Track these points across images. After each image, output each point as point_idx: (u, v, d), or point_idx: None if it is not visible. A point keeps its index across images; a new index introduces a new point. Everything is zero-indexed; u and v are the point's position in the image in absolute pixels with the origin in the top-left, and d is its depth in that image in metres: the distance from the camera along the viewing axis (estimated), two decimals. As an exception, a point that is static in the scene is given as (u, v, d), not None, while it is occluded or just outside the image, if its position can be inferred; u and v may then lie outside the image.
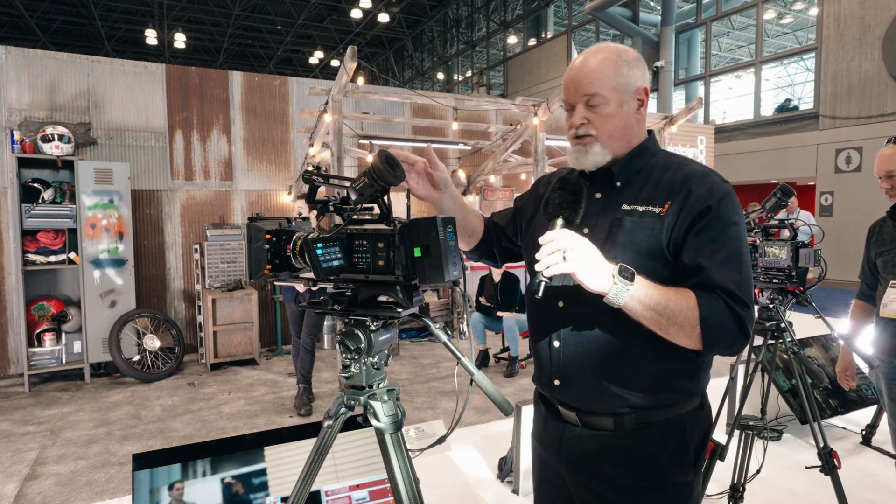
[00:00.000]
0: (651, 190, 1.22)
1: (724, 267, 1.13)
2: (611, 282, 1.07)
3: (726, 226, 1.15)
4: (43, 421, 4.41)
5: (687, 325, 1.10)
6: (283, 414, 4.48)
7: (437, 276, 1.13)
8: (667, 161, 1.27)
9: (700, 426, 1.27)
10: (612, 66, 1.23)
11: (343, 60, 4.55)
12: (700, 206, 1.16)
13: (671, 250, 1.18)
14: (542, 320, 1.32)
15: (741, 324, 1.12)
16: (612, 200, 1.25)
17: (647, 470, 1.22)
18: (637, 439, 1.22)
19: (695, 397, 1.26)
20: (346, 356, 1.28)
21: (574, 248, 1.07)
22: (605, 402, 1.23)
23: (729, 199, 1.17)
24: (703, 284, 1.13)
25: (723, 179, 1.21)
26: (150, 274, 6.22)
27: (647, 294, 1.09)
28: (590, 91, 1.22)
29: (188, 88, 6.43)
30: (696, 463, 1.26)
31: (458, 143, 7.24)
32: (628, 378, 1.21)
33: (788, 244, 2.49)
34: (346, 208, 1.22)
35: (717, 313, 1.10)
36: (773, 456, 3.24)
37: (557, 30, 19.04)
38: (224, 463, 1.89)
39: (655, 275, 1.14)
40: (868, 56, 10.58)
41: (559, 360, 1.27)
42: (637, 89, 1.25)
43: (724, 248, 1.14)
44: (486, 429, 3.96)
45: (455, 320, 7.38)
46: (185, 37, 20.32)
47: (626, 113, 1.25)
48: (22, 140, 5.37)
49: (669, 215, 1.17)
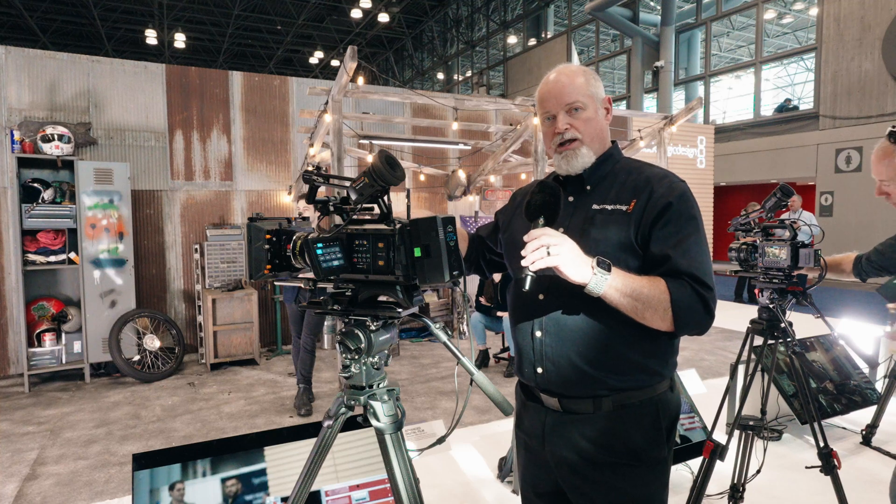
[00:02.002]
0: (617, 191, 1.36)
1: (688, 255, 1.25)
2: (590, 273, 1.18)
3: (687, 219, 1.29)
4: (43, 421, 4.41)
5: (660, 309, 1.22)
6: (283, 414, 4.48)
7: (437, 276, 1.13)
8: (629, 166, 1.42)
9: (670, 406, 1.39)
10: (584, 78, 1.40)
11: (343, 60, 4.55)
12: (662, 202, 1.29)
13: (639, 242, 1.30)
14: (524, 312, 1.42)
15: (706, 304, 1.24)
16: (583, 202, 1.39)
17: (624, 448, 1.33)
18: (614, 420, 1.33)
19: (665, 379, 1.38)
20: (346, 356, 1.28)
21: (557, 243, 1.17)
22: (586, 385, 1.33)
23: (686, 196, 1.32)
24: (671, 272, 1.25)
25: (679, 179, 1.36)
26: (150, 274, 6.22)
27: (623, 282, 1.21)
28: (571, 99, 1.37)
29: (188, 88, 6.43)
30: (668, 440, 1.38)
31: (458, 143, 7.24)
32: (606, 362, 1.32)
33: (788, 244, 2.49)
34: (346, 208, 1.22)
35: (686, 296, 1.23)
36: (773, 456, 3.24)
37: (557, 30, 19.04)
38: (224, 463, 1.89)
39: (626, 265, 1.26)
40: (868, 56, 10.58)
41: (542, 349, 1.38)
42: (603, 98, 1.43)
43: (687, 239, 1.27)
44: (486, 429, 3.96)
45: (455, 320, 7.38)
46: (185, 37, 20.32)
47: (600, 118, 1.42)
48: (22, 140, 5.37)
49: (636, 212, 1.31)
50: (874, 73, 10.41)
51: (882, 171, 1.80)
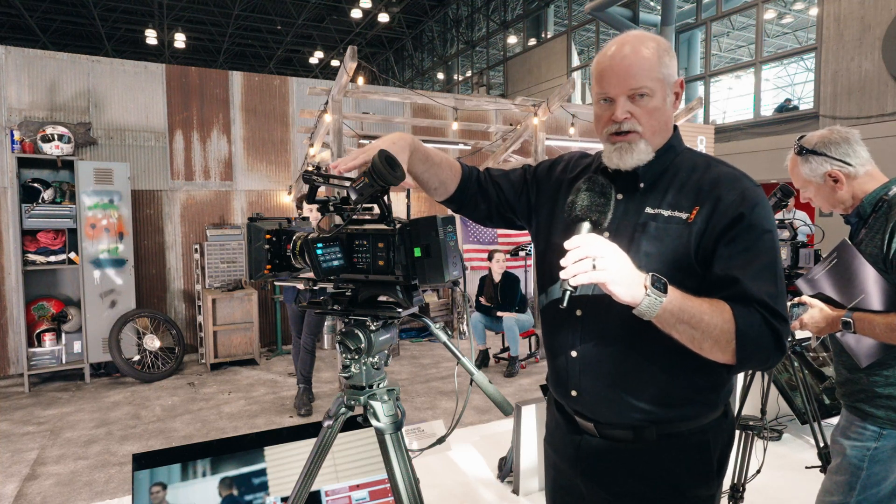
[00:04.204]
0: (677, 193, 1.15)
1: (760, 278, 1.06)
2: (643, 293, 0.99)
3: (760, 234, 1.08)
4: (43, 421, 4.41)
5: (722, 340, 1.03)
6: (283, 414, 4.48)
7: (437, 276, 1.13)
8: (692, 160, 1.19)
9: (723, 436, 1.21)
10: (657, 56, 1.13)
11: (343, 60, 4.55)
12: (732, 213, 1.08)
13: (699, 259, 1.10)
14: (558, 329, 1.25)
15: (778, 338, 1.05)
16: (635, 203, 1.17)
17: (666, 482, 1.17)
18: (657, 451, 1.17)
19: (718, 408, 1.20)
20: (346, 356, 1.28)
21: (604, 255, 0.98)
22: (623, 414, 1.17)
23: (762, 206, 1.10)
24: (738, 297, 1.05)
25: (754, 184, 1.14)
26: (150, 274, 6.22)
27: (681, 306, 1.01)
28: (637, 84, 1.12)
29: (188, 88, 6.42)
30: (718, 474, 1.21)
31: (458, 143, 7.24)
32: (648, 391, 1.15)
33: (788, 244, 2.49)
34: (346, 208, 1.22)
35: (755, 327, 1.04)
36: (773, 456, 3.24)
37: (557, 30, 19.04)
38: (224, 463, 1.89)
39: (681, 285, 1.05)
40: (868, 56, 10.58)
41: (577, 371, 1.21)
42: (675, 81, 1.17)
43: (759, 259, 1.07)
44: (486, 429, 3.96)
45: (455, 320, 7.38)
46: (185, 37, 20.32)
47: (668, 107, 1.16)
48: (22, 140, 5.37)
49: (698, 222, 1.10)
50: (874, 73, 10.41)
51: (795, 181, 1.89)
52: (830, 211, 1.90)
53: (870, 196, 1.69)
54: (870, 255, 1.62)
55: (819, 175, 1.75)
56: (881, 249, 1.59)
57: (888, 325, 1.53)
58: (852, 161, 1.70)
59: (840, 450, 1.71)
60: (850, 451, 1.67)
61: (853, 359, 1.69)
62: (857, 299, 1.64)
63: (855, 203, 1.72)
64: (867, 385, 1.66)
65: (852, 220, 1.76)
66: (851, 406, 1.71)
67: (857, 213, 1.73)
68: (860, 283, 1.64)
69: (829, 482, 1.74)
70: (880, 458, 1.62)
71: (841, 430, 1.74)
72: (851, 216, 1.75)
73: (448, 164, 1.35)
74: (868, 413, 1.65)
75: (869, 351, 1.64)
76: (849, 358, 1.71)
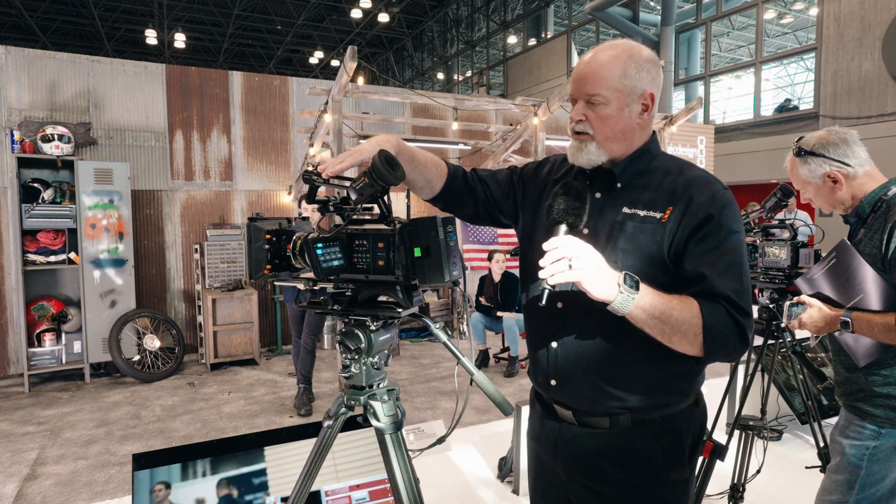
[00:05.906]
0: (652, 194, 1.22)
1: (726, 276, 1.14)
2: (616, 290, 1.07)
3: (728, 234, 1.16)
4: (43, 421, 4.41)
5: (690, 334, 1.11)
6: (283, 414, 4.48)
7: (437, 276, 1.13)
8: (668, 165, 1.27)
9: (695, 423, 1.29)
10: (620, 66, 1.20)
11: (343, 60, 4.55)
12: (702, 213, 1.16)
13: (671, 257, 1.18)
14: (540, 321, 1.32)
15: (742, 331, 1.13)
16: (612, 202, 1.25)
17: (643, 467, 1.24)
18: (633, 437, 1.24)
19: (690, 396, 1.28)
20: (346, 356, 1.28)
21: (580, 256, 1.06)
22: (601, 403, 1.24)
23: (730, 208, 1.18)
24: (705, 293, 1.13)
25: (724, 186, 1.22)
26: (150, 274, 6.22)
27: (652, 303, 1.09)
28: (592, 91, 1.21)
29: (188, 88, 6.42)
30: (690, 460, 1.29)
31: (458, 143, 7.24)
32: (625, 381, 1.22)
33: (788, 244, 2.49)
34: (346, 208, 1.22)
35: (720, 322, 1.11)
36: (773, 456, 3.24)
37: (557, 30, 19.03)
38: (224, 463, 1.89)
39: (654, 280, 1.14)
40: (868, 56, 10.58)
41: (556, 361, 1.28)
42: (643, 94, 1.23)
43: (726, 257, 1.15)
44: (486, 429, 3.96)
45: (455, 320, 7.38)
46: (185, 37, 20.31)
47: (626, 116, 1.22)
48: (22, 140, 5.37)
49: (671, 221, 1.18)
50: (874, 73, 10.41)
51: (795, 182, 1.90)
52: (830, 211, 1.91)
53: (869, 196, 1.69)
54: (868, 255, 1.63)
55: (818, 176, 1.75)
56: (880, 249, 1.59)
57: (886, 324, 1.54)
58: (851, 162, 1.70)
59: (839, 449, 1.71)
60: (849, 450, 1.67)
61: (852, 358, 1.69)
62: (856, 299, 1.65)
63: (854, 203, 1.73)
64: (866, 384, 1.66)
65: (851, 221, 1.76)
66: (850, 405, 1.72)
67: (855, 213, 1.73)
68: (859, 283, 1.64)
69: (828, 481, 1.75)
70: (879, 456, 1.63)
71: (840, 429, 1.74)
72: (850, 216, 1.76)
73: (434, 163, 1.40)
74: (867, 412, 1.65)
75: (867, 350, 1.65)
76: (847, 357, 1.71)
